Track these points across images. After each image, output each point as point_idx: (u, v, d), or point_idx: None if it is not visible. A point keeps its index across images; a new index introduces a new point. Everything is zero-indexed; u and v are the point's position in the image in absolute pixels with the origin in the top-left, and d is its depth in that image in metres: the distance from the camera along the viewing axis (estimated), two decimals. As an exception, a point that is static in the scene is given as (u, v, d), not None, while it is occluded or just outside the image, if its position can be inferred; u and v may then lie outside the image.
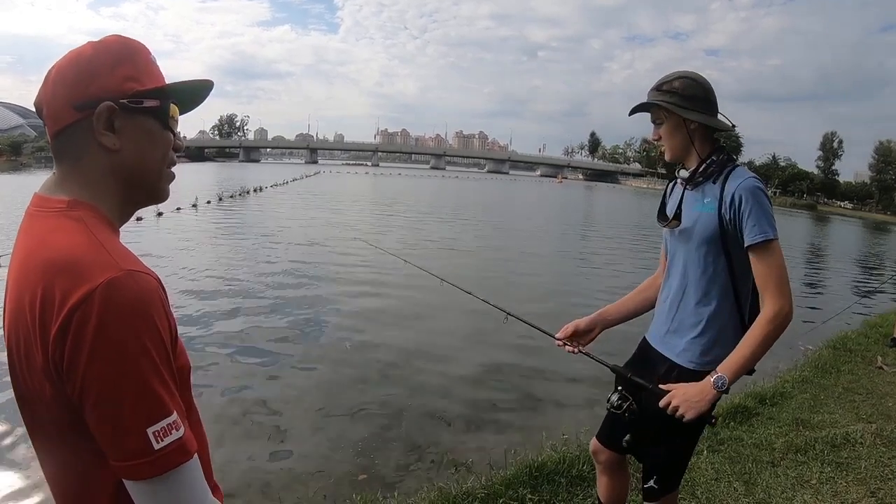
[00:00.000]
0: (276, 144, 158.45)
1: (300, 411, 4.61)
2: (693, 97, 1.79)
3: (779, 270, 1.69)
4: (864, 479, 3.18)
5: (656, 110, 1.85)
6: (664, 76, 1.85)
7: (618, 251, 15.75)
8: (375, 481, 3.55)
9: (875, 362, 5.55)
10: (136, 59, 0.91)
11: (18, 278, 0.82)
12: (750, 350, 1.67)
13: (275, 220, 17.62)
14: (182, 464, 0.79)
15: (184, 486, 0.80)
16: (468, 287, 2.61)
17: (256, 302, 7.86)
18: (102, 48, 0.89)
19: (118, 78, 0.88)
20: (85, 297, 0.74)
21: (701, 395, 1.65)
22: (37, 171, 47.83)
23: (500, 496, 2.87)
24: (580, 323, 2.07)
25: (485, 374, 5.54)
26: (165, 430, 0.77)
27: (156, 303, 0.80)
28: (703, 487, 3.05)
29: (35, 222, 0.86)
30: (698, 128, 1.81)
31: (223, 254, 11.43)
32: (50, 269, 0.77)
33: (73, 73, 0.87)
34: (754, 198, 1.70)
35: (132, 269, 0.79)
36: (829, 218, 58.53)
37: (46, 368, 0.76)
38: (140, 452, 0.75)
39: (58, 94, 0.87)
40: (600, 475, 2.22)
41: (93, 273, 0.76)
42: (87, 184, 0.88)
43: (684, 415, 1.64)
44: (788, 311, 1.68)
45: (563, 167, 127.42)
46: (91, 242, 0.80)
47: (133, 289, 0.77)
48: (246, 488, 3.42)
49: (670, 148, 1.86)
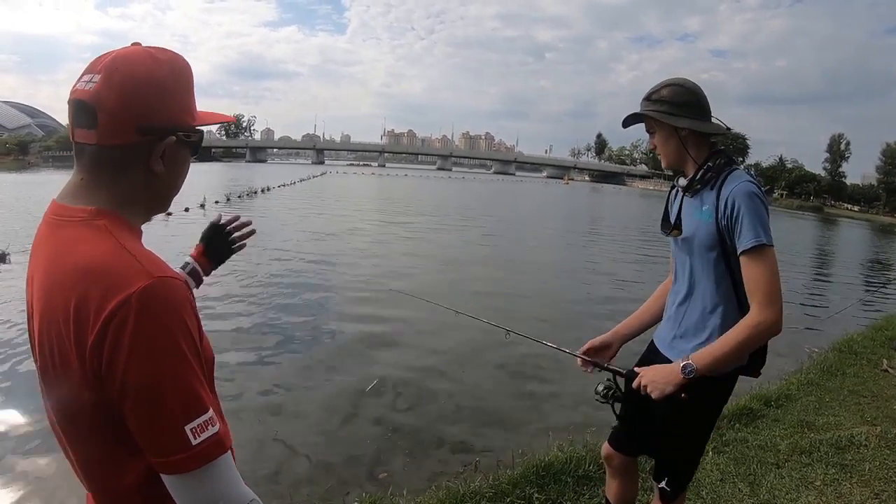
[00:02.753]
0: (282, 145, 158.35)
1: (308, 411, 4.66)
2: (682, 104, 1.79)
3: (768, 277, 1.65)
4: (869, 481, 3.20)
5: (648, 120, 1.85)
6: (654, 86, 1.86)
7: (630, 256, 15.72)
8: (384, 480, 3.59)
9: (881, 365, 5.55)
10: (191, 86, 0.94)
11: (46, 288, 0.84)
12: (724, 350, 1.67)
13: (282, 223, 17.69)
14: (218, 457, 0.83)
15: (219, 479, 0.84)
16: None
17: (264, 303, 7.93)
18: (177, 72, 0.91)
19: (182, 110, 0.92)
20: (120, 304, 0.77)
21: (667, 378, 1.71)
22: (44, 171, 48.06)
23: (508, 495, 2.90)
24: (594, 342, 2.07)
25: (492, 376, 5.58)
26: (202, 426, 0.81)
27: (186, 305, 0.84)
28: (708, 488, 3.07)
29: (57, 231, 0.87)
30: (690, 134, 1.80)
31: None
32: (82, 278, 0.80)
33: (146, 94, 0.86)
34: (747, 202, 1.67)
35: (162, 275, 0.82)
36: (837, 220, 58.15)
37: (84, 375, 0.80)
38: (178, 449, 0.79)
39: (126, 108, 0.85)
40: (611, 479, 2.23)
41: (126, 281, 0.78)
42: (119, 195, 0.89)
43: (650, 393, 1.72)
44: (773, 322, 1.64)
45: (570, 168, 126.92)
46: (119, 251, 0.83)
47: (165, 294, 0.81)
48: (254, 486, 3.46)
49: (665, 156, 1.87)
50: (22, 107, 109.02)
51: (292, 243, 13.23)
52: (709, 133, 1.83)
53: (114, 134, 0.86)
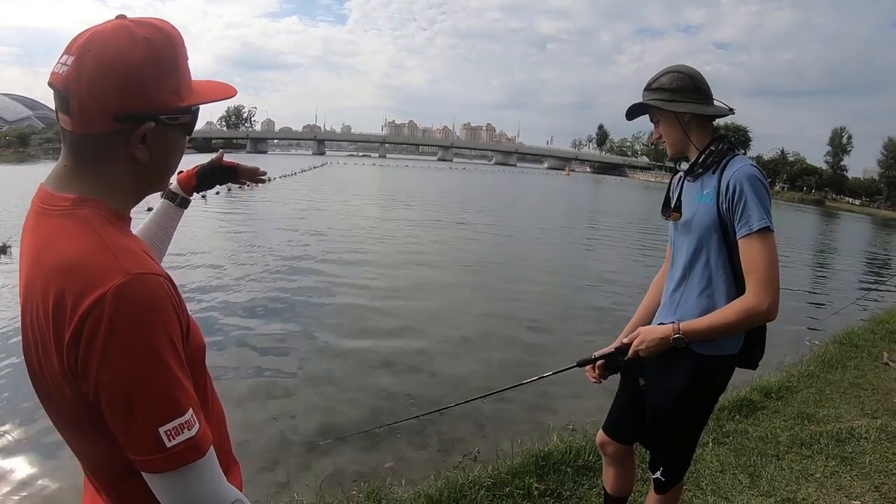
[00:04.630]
0: (283, 136, 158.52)
1: (306, 400, 4.67)
2: (681, 89, 1.78)
3: (766, 262, 1.64)
4: (869, 473, 3.20)
5: (651, 110, 1.86)
6: (653, 75, 1.86)
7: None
8: (383, 469, 3.59)
9: (881, 358, 5.55)
10: (179, 63, 0.88)
11: (30, 281, 0.83)
12: (713, 326, 1.71)
13: (284, 212, 17.68)
14: (194, 461, 0.80)
15: (198, 480, 0.81)
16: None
17: (265, 292, 7.94)
18: (156, 50, 0.84)
19: (164, 91, 0.85)
20: (95, 302, 0.75)
21: (657, 338, 1.77)
22: (44, 162, 48.04)
23: (507, 485, 2.90)
24: (605, 352, 2.01)
25: (491, 367, 5.57)
26: (177, 429, 0.78)
27: (164, 303, 0.80)
28: (708, 479, 3.07)
29: (42, 220, 0.85)
30: (692, 119, 1.80)
31: (234, 243, 11.51)
32: (59, 273, 0.78)
33: (119, 79, 0.81)
34: (749, 186, 1.66)
35: (139, 271, 0.79)
36: (838, 214, 58.13)
37: (63, 370, 0.78)
38: (152, 449, 0.77)
39: (95, 95, 0.81)
40: (607, 466, 2.24)
41: (102, 278, 0.76)
42: (101, 182, 0.86)
43: (639, 350, 1.80)
44: (767, 308, 1.64)
45: (571, 160, 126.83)
46: (98, 245, 0.80)
47: (141, 292, 0.78)
48: (253, 475, 3.47)
49: (670, 144, 1.86)
50: (22, 99, 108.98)
51: (295, 225, 13.22)
52: (712, 117, 1.83)
53: (88, 123, 0.82)
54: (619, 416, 2.12)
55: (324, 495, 3.02)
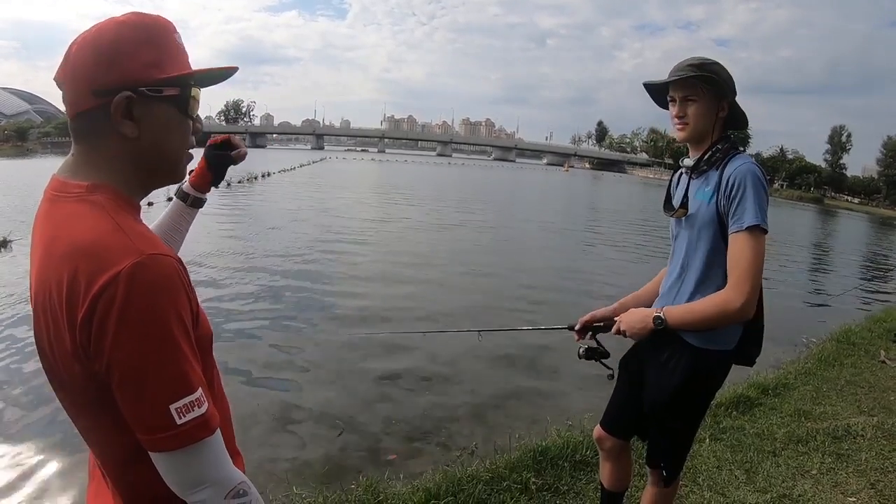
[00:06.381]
0: (282, 130, 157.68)
1: (305, 396, 4.68)
2: (729, 84, 1.76)
3: (750, 260, 1.63)
4: (865, 470, 3.21)
5: (694, 86, 1.75)
6: (694, 57, 1.78)
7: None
8: (381, 464, 3.60)
9: (878, 356, 5.56)
10: (159, 41, 0.89)
11: (43, 264, 0.84)
12: (691, 315, 1.74)
13: (283, 208, 17.65)
14: (203, 439, 0.82)
15: (205, 459, 0.83)
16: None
17: (263, 287, 7.95)
18: (126, 29, 0.86)
19: (139, 64, 0.86)
20: (109, 282, 0.76)
21: (641, 322, 1.82)
22: (43, 157, 47.87)
23: (505, 479, 2.91)
24: (597, 313, 2.06)
25: (489, 362, 5.58)
26: (188, 406, 0.80)
27: (176, 283, 0.82)
28: (704, 475, 3.09)
29: (55, 207, 0.87)
30: (727, 116, 1.79)
31: (234, 238, 11.50)
32: (74, 255, 0.79)
33: (93, 56, 0.84)
34: (747, 183, 1.65)
35: (153, 252, 0.80)
36: (836, 212, 58.09)
37: (75, 350, 0.79)
38: (163, 427, 0.79)
39: (77, 76, 0.85)
40: (604, 461, 2.24)
41: (116, 258, 0.78)
42: (105, 166, 0.88)
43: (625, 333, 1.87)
44: (739, 307, 1.63)
45: (570, 156, 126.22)
46: (112, 227, 0.82)
47: (155, 272, 0.79)
48: (251, 468, 3.47)
49: (694, 127, 1.78)
50: (20, 93, 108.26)
51: (294, 219, 13.20)
52: (734, 121, 1.83)
53: (76, 103, 0.86)
54: (617, 412, 2.13)
55: (322, 489, 3.03)
